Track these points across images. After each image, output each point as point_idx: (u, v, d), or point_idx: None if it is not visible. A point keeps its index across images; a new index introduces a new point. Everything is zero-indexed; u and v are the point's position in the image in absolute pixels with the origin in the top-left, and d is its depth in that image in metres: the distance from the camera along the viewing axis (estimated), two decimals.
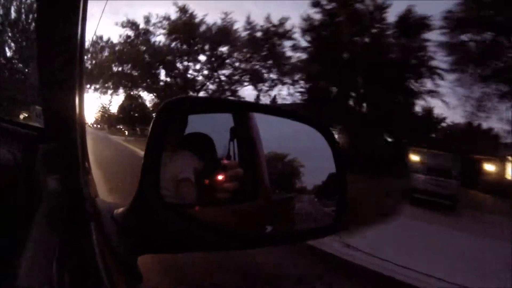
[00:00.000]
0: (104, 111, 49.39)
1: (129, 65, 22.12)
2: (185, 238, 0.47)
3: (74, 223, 0.52)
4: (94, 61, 22.65)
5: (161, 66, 22.26)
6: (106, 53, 23.08)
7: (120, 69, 22.69)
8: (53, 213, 0.50)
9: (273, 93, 21.55)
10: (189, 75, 22.42)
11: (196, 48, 21.65)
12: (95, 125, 48.96)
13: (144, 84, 23.37)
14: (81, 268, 0.46)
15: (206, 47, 21.56)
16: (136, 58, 21.03)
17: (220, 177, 0.50)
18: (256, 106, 0.59)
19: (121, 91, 24.65)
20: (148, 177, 0.45)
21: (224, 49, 21.26)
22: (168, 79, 22.99)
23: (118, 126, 44.77)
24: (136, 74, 22.41)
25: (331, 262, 4.03)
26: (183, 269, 2.76)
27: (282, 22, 19.58)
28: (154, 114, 0.47)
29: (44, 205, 0.51)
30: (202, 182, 0.50)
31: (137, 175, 0.46)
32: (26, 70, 0.83)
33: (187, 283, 2.71)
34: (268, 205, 0.56)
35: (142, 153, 0.50)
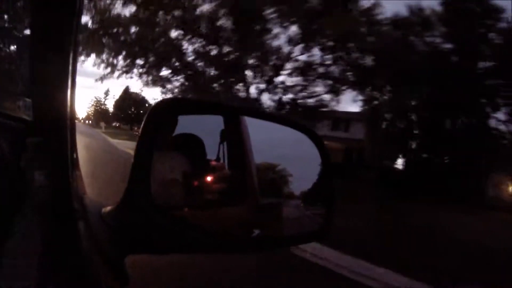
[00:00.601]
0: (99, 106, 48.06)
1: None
2: (172, 239, 0.47)
3: (60, 220, 0.51)
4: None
5: None
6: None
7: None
8: (39, 210, 0.49)
9: None
10: None
11: None
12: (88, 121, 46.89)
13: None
14: (67, 267, 0.46)
15: None
16: None
17: (208, 179, 0.51)
18: (247, 110, 0.60)
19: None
20: (137, 177, 0.45)
21: None
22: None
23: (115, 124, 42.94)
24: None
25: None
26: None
27: None
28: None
29: (30, 201, 0.50)
30: (191, 183, 0.50)
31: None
32: (18, 60, 0.81)
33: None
34: (255, 208, 0.56)
35: None
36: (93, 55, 14.83)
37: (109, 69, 15.20)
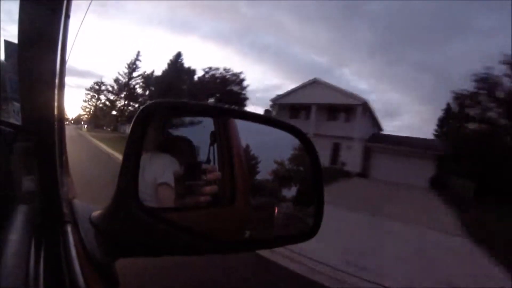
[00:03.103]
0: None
1: None
2: (163, 242, 0.47)
3: (50, 225, 0.51)
4: None
5: None
6: None
7: None
8: (29, 215, 0.49)
9: None
10: None
11: None
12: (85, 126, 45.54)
13: None
14: (56, 272, 0.46)
15: None
16: None
17: (199, 181, 0.51)
18: (236, 112, 0.60)
19: None
20: (125, 180, 0.45)
21: None
22: None
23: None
24: None
25: None
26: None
27: None
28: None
29: (19, 206, 0.50)
30: (182, 186, 0.50)
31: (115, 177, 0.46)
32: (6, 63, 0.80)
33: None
34: (246, 210, 0.57)
35: None
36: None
37: None
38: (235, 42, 55.81)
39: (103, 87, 48.50)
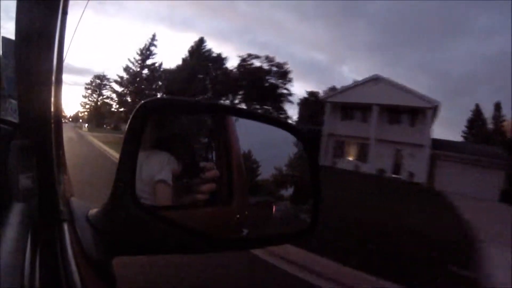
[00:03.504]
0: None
1: None
2: (160, 240, 0.47)
3: (47, 223, 0.51)
4: None
5: None
6: None
7: None
8: (25, 213, 0.49)
9: None
10: None
11: None
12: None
13: None
14: (53, 270, 0.45)
15: None
16: None
17: (197, 179, 0.50)
18: (234, 110, 0.60)
19: None
20: (123, 177, 0.45)
21: None
22: None
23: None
24: None
25: None
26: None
27: None
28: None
29: (15, 204, 0.49)
30: (180, 184, 0.50)
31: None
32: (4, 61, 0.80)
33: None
34: (243, 208, 0.56)
35: None
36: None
37: None
38: (234, 40, 55.75)
39: (105, 81, 43.69)
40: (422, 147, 17.60)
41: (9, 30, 0.69)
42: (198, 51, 30.99)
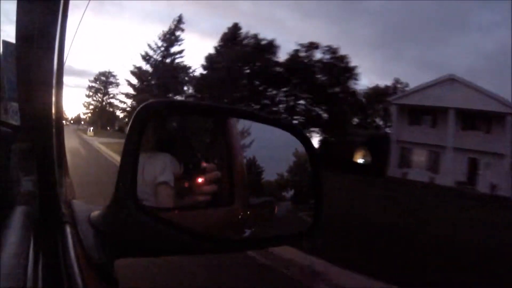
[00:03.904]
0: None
1: None
2: (162, 242, 0.47)
3: (48, 226, 0.51)
4: None
5: None
6: None
7: None
8: (27, 215, 0.49)
9: None
10: None
11: None
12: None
13: None
14: (55, 273, 0.45)
15: None
16: None
17: (199, 180, 0.50)
18: (235, 111, 0.59)
19: None
20: (124, 179, 0.45)
21: None
22: None
23: None
24: None
25: None
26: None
27: None
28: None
29: (17, 207, 0.49)
30: (181, 185, 0.50)
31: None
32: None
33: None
34: (245, 209, 0.56)
35: None
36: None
37: None
38: None
39: (111, 78, 39.42)
40: (501, 156, 16.01)
41: (9, 34, 0.70)
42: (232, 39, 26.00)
